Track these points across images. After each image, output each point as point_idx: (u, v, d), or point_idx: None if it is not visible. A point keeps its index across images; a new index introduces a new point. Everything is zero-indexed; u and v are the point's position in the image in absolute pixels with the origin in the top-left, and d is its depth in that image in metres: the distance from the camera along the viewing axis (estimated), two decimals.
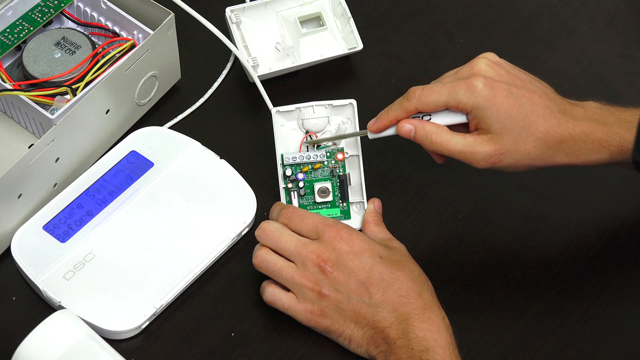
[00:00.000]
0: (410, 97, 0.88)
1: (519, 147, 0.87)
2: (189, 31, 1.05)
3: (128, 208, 0.95)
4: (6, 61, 1.01)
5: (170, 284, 0.92)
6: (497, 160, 0.87)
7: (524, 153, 0.87)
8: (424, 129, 0.88)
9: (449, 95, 0.87)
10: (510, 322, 0.93)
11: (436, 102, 0.87)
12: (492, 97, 0.86)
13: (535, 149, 0.87)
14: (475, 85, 0.86)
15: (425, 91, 0.88)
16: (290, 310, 0.89)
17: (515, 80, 0.88)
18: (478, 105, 0.86)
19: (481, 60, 0.89)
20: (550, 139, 0.87)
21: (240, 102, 1.06)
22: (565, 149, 0.88)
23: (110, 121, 0.99)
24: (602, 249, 0.97)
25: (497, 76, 0.87)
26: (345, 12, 1.06)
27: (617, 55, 1.10)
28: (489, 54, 0.90)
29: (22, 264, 0.92)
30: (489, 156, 0.87)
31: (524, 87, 0.88)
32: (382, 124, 0.91)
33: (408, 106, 0.88)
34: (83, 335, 0.85)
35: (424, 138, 0.88)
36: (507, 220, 0.98)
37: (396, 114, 0.89)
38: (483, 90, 0.86)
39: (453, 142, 0.88)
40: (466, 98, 0.86)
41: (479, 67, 0.88)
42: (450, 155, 0.88)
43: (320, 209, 0.97)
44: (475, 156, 0.87)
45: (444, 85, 0.87)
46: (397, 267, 0.88)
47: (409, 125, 0.89)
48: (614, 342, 0.92)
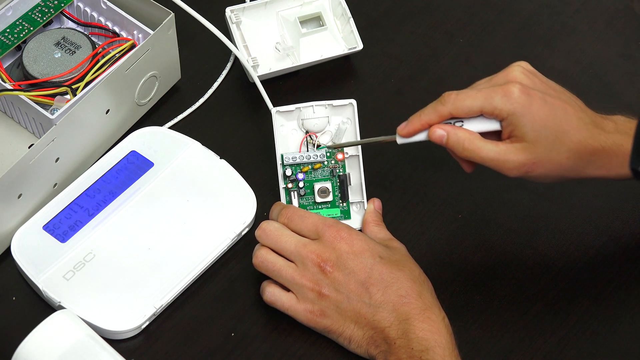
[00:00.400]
0: (445, 102, 0.87)
1: (551, 157, 0.86)
2: (189, 31, 1.05)
3: (128, 208, 0.95)
4: (6, 61, 1.01)
5: (170, 284, 0.92)
6: (530, 170, 0.86)
7: (557, 164, 0.86)
8: (456, 135, 0.87)
9: (485, 101, 0.86)
10: (510, 322, 0.93)
11: (471, 107, 0.86)
12: (529, 105, 0.85)
13: (568, 160, 0.86)
14: (512, 91, 0.85)
15: (461, 96, 0.86)
16: (290, 310, 0.89)
17: (549, 89, 0.87)
18: (514, 111, 0.85)
19: (516, 68, 0.87)
20: (583, 150, 0.86)
21: (240, 102, 1.06)
22: (597, 161, 0.87)
23: (110, 121, 0.99)
24: (602, 249, 0.97)
25: (532, 84, 0.86)
26: (345, 12, 1.06)
27: (617, 55, 1.10)
28: (522, 63, 0.88)
29: (22, 264, 0.92)
30: (521, 165, 0.86)
31: (558, 97, 0.87)
32: (413, 128, 0.89)
33: (442, 110, 0.87)
34: (83, 335, 0.85)
35: (456, 144, 0.87)
36: (507, 220, 0.98)
37: (428, 117, 0.88)
38: (520, 96, 0.85)
39: (486, 149, 0.86)
40: (502, 104, 0.85)
41: (514, 75, 0.87)
42: (482, 163, 0.87)
43: (320, 209, 0.97)
44: (507, 164, 0.86)
45: (479, 90, 0.86)
46: (397, 267, 0.88)
47: (441, 131, 0.87)
48: (614, 342, 0.92)
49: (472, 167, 0.90)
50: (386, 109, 1.05)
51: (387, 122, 1.04)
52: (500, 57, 1.09)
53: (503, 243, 0.97)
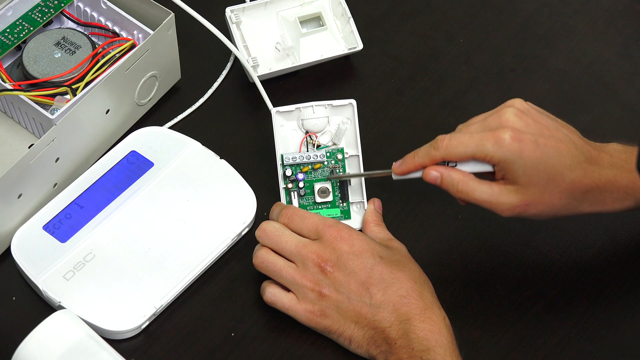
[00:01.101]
0: (438, 147, 0.88)
1: (544, 198, 0.87)
2: (189, 31, 1.05)
3: (128, 208, 0.95)
4: (6, 61, 1.01)
5: (170, 284, 0.92)
6: (522, 211, 0.87)
7: (549, 204, 0.87)
8: (450, 177, 0.88)
9: (476, 148, 0.86)
10: (510, 322, 0.93)
11: (463, 153, 0.87)
12: (520, 151, 0.85)
13: (560, 200, 0.87)
14: (503, 138, 0.85)
15: (453, 142, 0.87)
16: (291, 311, 0.89)
17: (542, 129, 0.87)
18: (505, 159, 0.86)
19: (509, 110, 0.87)
20: (576, 189, 0.87)
21: (240, 102, 1.06)
22: (590, 199, 0.88)
23: (110, 121, 0.99)
24: (602, 249, 0.97)
25: (524, 127, 0.86)
26: (345, 12, 1.06)
27: (617, 55, 1.10)
28: (516, 102, 0.88)
29: (22, 264, 0.92)
30: (514, 207, 0.87)
31: (551, 136, 0.87)
32: (407, 168, 0.90)
33: (435, 155, 0.88)
34: (83, 335, 0.85)
35: (450, 186, 0.88)
36: (507, 220, 0.98)
37: (422, 160, 0.89)
38: (511, 144, 0.85)
39: (479, 191, 0.87)
40: (493, 151, 0.86)
41: (506, 118, 0.87)
42: (476, 203, 0.88)
43: (320, 209, 0.97)
44: (501, 206, 0.87)
45: (471, 136, 0.87)
46: (397, 268, 0.88)
47: (435, 173, 0.88)
48: (614, 342, 0.92)
49: (465, 202, 0.91)
50: (386, 109, 1.05)
51: (387, 122, 1.04)
52: (500, 57, 1.09)
53: (503, 243, 0.97)
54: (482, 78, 1.08)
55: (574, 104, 1.06)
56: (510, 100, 0.89)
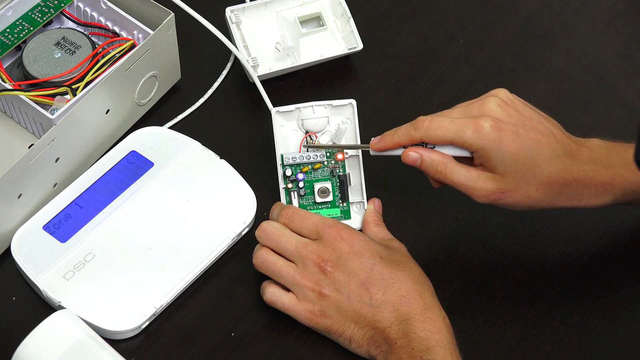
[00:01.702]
0: (418, 127, 0.88)
1: (521, 189, 0.87)
2: (189, 31, 1.05)
3: (128, 208, 0.95)
4: (6, 61, 1.01)
5: (170, 284, 0.92)
6: (498, 198, 0.87)
7: (526, 195, 0.87)
8: (430, 158, 0.88)
9: (456, 134, 0.86)
10: (510, 322, 0.93)
11: (442, 137, 0.87)
12: (499, 140, 0.85)
13: (537, 192, 0.87)
14: (482, 126, 0.86)
15: (433, 124, 0.87)
16: (291, 311, 0.89)
17: (524, 121, 0.87)
18: (484, 147, 0.86)
19: (492, 100, 0.88)
20: (553, 183, 0.87)
21: (240, 102, 1.06)
22: (568, 192, 0.88)
23: (110, 121, 0.99)
24: (602, 249, 0.97)
25: (506, 117, 0.87)
26: (345, 12, 1.06)
27: (617, 55, 1.10)
28: (500, 92, 0.89)
29: (22, 264, 0.92)
30: (490, 193, 0.87)
31: (533, 127, 0.87)
32: (385, 145, 0.90)
33: (414, 135, 0.88)
34: (83, 335, 0.85)
35: (429, 167, 0.88)
36: (507, 220, 0.98)
37: (401, 139, 0.89)
38: (490, 133, 0.85)
39: (457, 173, 0.87)
40: (472, 139, 0.86)
41: (488, 107, 0.87)
42: (452, 185, 0.88)
43: (320, 209, 0.97)
44: (476, 191, 0.87)
45: (452, 121, 0.87)
46: (397, 267, 0.88)
47: (415, 155, 0.88)
48: (614, 342, 0.92)
49: (439, 184, 0.90)
50: (386, 109, 1.05)
51: (387, 122, 1.04)
52: (500, 57, 1.09)
53: (503, 243, 0.97)
54: (482, 78, 1.08)
55: (574, 104, 1.06)
56: (495, 90, 0.89)
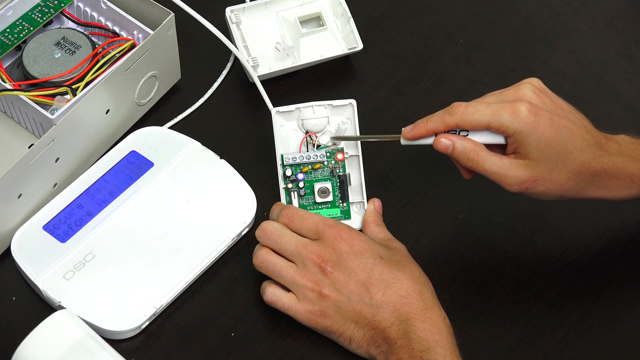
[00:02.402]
0: (453, 112, 0.87)
1: (553, 176, 0.87)
2: (189, 31, 1.05)
3: (128, 208, 0.95)
4: (6, 61, 1.01)
5: (170, 284, 0.92)
6: (530, 186, 0.87)
7: (557, 183, 0.87)
8: (462, 146, 0.87)
9: (493, 117, 0.86)
10: (510, 322, 0.93)
11: (479, 121, 0.87)
12: (535, 124, 0.85)
13: (568, 180, 0.87)
14: (520, 110, 0.86)
15: (469, 109, 0.87)
16: (291, 311, 0.89)
17: (557, 109, 0.88)
18: (520, 130, 0.86)
19: (527, 86, 0.88)
20: (584, 171, 0.87)
21: (240, 102, 1.06)
22: (597, 182, 0.88)
23: (110, 121, 0.99)
24: (602, 249, 0.97)
25: (541, 103, 0.87)
26: (345, 12, 1.06)
27: (617, 55, 1.10)
28: (534, 80, 0.89)
29: (22, 264, 0.92)
30: (522, 181, 0.87)
31: (566, 117, 0.88)
32: (418, 133, 0.89)
33: (449, 121, 0.88)
34: (83, 335, 0.85)
35: (461, 154, 0.88)
36: (507, 220, 0.98)
37: (435, 126, 0.88)
38: (527, 116, 0.86)
39: (489, 161, 0.87)
40: (509, 122, 0.86)
41: (524, 92, 0.87)
42: (484, 174, 0.88)
43: (320, 209, 0.97)
44: (509, 179, 0.87)
45: (488, 105, 0.87)
46: (397, 268, 0.88)
47: (446, 141, 0.88)
48: (614, 342, 0.92)
49: (470, 174, 0.91)
50: (386, 109, 1.05)
51: (387, 122, 1.04)
52: (500, 57, 1.09)
53: (503, 243, 0.97)
54: (482, 78, 1.08)
55: (574, 104, 1.05)
56: (529, 78, 0.89)
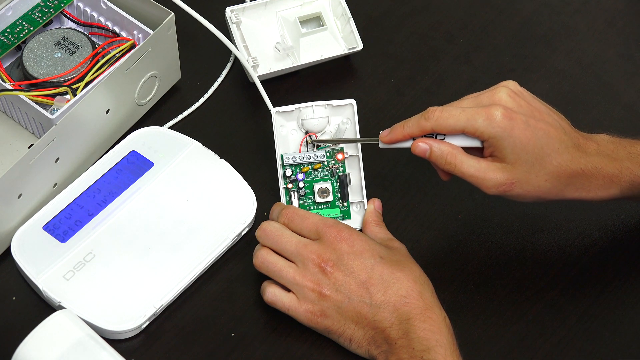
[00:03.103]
0: (429, 117, 0.88)
1: (530, 179, 0.87)
2: (189, 31, 1.05)
3: (128, 208, 0.95)
4: (6, 61, 1.01)
5: (170, 284, 0.92)
6: (508, 189, 0.88)
7: (535, 185, 0.88)
8: (439, 149, 0.88)
9: (467, 122, 0.87)
10: (510, 322, 0.93)
11: (454, 126, 0.87)
12: (510, 129, 0.86)
13: (546, 182, 0.88)
14: (494, 115, 0.86)
15: (444, 114, 0.87)
16: (291, 311, 0.89)
17: (534, 112, 0.88)
18: (495, 135, 0.86)
19: (502, 89, 0.88)
20: (562, 173, 0.88)
21: (240, 102, 1.06)
22: (575, 183, 0.88)
23: (110, 121, 0.99)
24: (602, 249, 0.97)
25: (516, 107, 0.87)
26: (345, 12, 1.06)
27: (617, 55, 1.10)
28: (509, 83, 0.89)
29: (22, 264, 0.92)
30: (499, 184, 0.87)
31: (542, 119, 0.88)
32: (395, 137, 0.90)
33: (425, 125, 0.88)
34: (83, 335, 0.85)
35: (439, 158, 0.88)
36: (507, 220, 0.98)
37: (411, 130, 0.89)
38: (502, 120, 0.86)
39: (467, 164, 0.88)
40: (484, 127, 0.86)
41: (499, 96, 0.88)
42: (462, 177, 0.88)
43: (320, 209, 0.97)
44: (486, 182, 0.88)
45: (463, 110, 0.87)
46: (397, 268, 0.88)
47: (424, 145, 0.88)
48: (614, 342, 0.92)
49: (449, 176, 0.91)
50: (386, 109, 1.05)
51: (387, 122, 1.04)
52: (500, 57, 1.09)
53: (503, 243, 0.97)
54: (482, 78, 1.08)
55: (574, 104, 1.06)
56: (504, 81, 0.90)
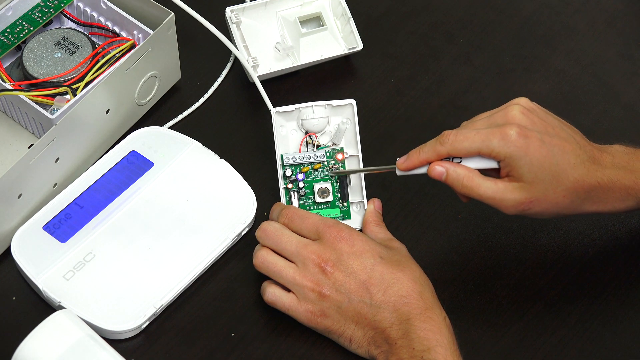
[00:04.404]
0: (444, 142, 0.88)
1: (548, 196, 0.87)
2: (189, 31, 1.05)
3: (128, 208, 0.95)
4: (6, 61, 1.01)
5: (170, 284, 0.92)
6: (527, 208, 0.87)
7: (553, 202, 0.87)
8: (455, 172, 0.88)
9: (482, 143, 0.87)
10: (510, 322, 0.93)
11: (469, 149, 0.87)
12: (525, 147, 0.86)
13: (564, 199, 0.87)
14: (509, 134, 0.86)
15: (459, 137, 0.87)
16: (291, 311, 0.89)
17: (547, 127, 0.88)
18: (511, 154, 0.86)
19: (515, 108, 0.88)
20: (579, 188, 0.87)
21: (240, 102, 1.06)
22: (593, 197, 0.88)
23: (110, 121, 0.99)
24: (602, 249, 0.97)
25: (530, 124, 0.87)
26: (345, 12, 1.06)
27: (617, 55, 1.10)
28: (522, 100, 0.89)
29: (22, 264, 0.92)
30: (518, 204, 0.87)
31: (556, 134, 0.88)
32: (412, 164, 0.90)
33: (440, 150, 0.88)
34: (83, 335, 0.85)
35: (455, 181, 0.88)
36: (507, 220, 0.98)
37: (427, 156, 0.89)
38: (517, 140, 0.86)
39: (484, 187, 0.87)
40: (499, 147, 0.86)
41: (512, 115, 0.87)
42: (480, 200, 0.88)
43: (320, 209, 0.97)
44: (505, 203, 0.87)
45: (477, 132, 0.87)
46: (397, 268, 0.88)
47: (440, 168, 0.88)
48: (614, 342, 0.92)
49: (468, 199, 0.91)
50: (386, 109, 1.05)
51: (387, 122, 1.04)
52: (500, 57, 1.09)
53: (503, 243, 0.97)
54: (482, 78, 1.08)
55: (574, 104, 1.06)
56: (516, 98, 0.89)
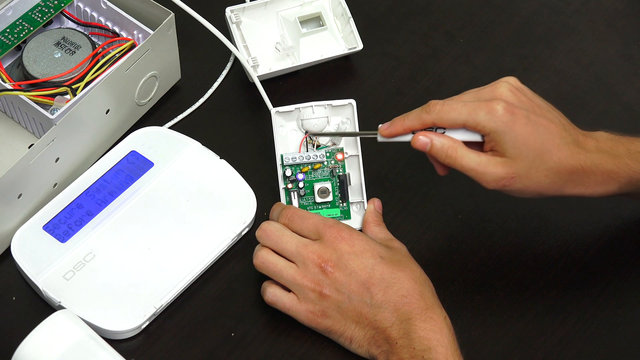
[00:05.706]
0: (430, 111, 0.88)
1: (530, 174, 0.87)
2: (189, 31, 1.05)
3: (128, 208, 0.95)
4: (6, 61, 1.01)
5: (170, 284, 0.92)
6: (507, 184, 0.87)
7: (535, 180, 0.87)
8: (440, 142, 0.88)
9: (469, 116, 0.87)
10: (510, 322, 0.93)
11: (455, 119, 0.87)
12: (512, 123, 0.86)
13: (546, 178, 0.87)
14: (496, 109, 0.86)
15: (446, 107, 0.87)
16: (291, 311, 0.89)
17: (534, 107, 0.88)
18: (497, 129, 0.86)
19: (503, 84, 0.88)
20: (562, 169, 0.87)
21: (240, 102, 1.06)
22: (575, 180, 0.88)
23: (110, 121, 0.99)
24: (602, 249, 0.97)
25: (517, 102, 0.87)
26: (345, 12, 1.06)
27: (617, 55, 1.10)
28: (510, 79, 0.89)
29: (22, 264, 0.92)
30: (499, 178, 0.87)
31: (543, 115, 0.88)
32: (395, 130, 0.90)
33: (426, 119, 0.88)
34: (83, 335, 0.85)
35: (439, 151, 0.88)
36: (507, 220, 0.98)
37: (412, 124, 0.89)
38: (503, 115, 0.86)
39: (467, 158, 0.87)
40: (485, 121, 0.86)
41: (500, 91, 0.88)
42: (462, 171, 0.88)
43: (320, 209, 0.97)
44: (486, 176, 0.87)
45: (464, 104, 0.87)
46: (398, 267, 0.88)
47: (425, 139, 0.88)
48: (614, 342, 0.92)
49: (446, 171, 0.91)
50: (386, 109, 1.05)
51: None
52: (500, 57, 1.09)
53: (503, 243, 0.97)
54: (482, 78, 1.08)
55: (574, 104, 1.06)
56: (505, 77, 0.90)
